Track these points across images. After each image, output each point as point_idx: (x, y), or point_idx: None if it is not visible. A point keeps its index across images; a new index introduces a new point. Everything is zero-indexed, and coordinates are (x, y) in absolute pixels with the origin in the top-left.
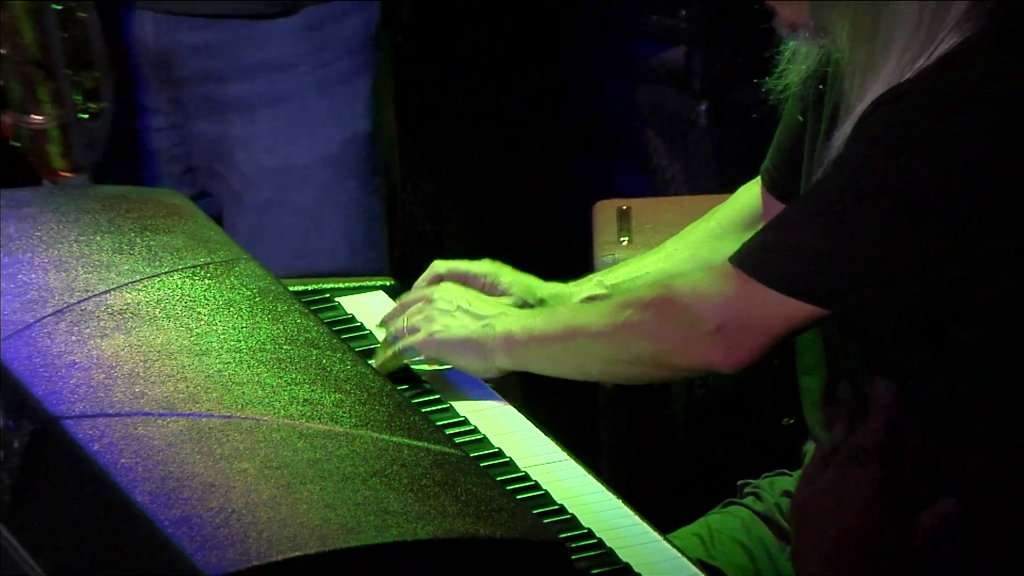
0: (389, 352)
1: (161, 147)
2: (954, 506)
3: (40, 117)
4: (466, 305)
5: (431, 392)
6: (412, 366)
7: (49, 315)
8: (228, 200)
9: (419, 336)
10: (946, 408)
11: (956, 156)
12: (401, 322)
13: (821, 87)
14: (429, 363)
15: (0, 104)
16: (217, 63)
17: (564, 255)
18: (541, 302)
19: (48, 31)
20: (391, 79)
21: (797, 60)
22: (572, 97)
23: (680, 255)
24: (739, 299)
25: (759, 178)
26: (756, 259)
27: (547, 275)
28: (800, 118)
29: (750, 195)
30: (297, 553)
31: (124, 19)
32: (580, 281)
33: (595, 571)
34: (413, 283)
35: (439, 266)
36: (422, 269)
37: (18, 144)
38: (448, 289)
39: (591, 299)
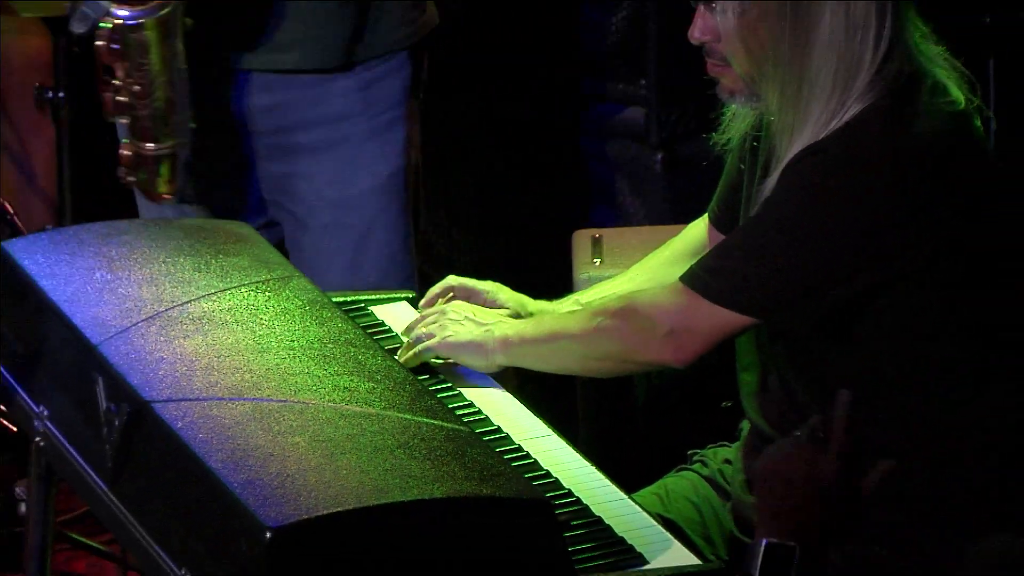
0: (412, 351)
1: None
2: (891, 470)
3: (153, 145)
4: (471, 316)
5: (444, 381)
6: (430, 362)
7: (142, 320)
8: (293, 225)
9: (435, 339)
10: (876, 410)
11: (855, 200)
12: (422, 328)
13: (756, 143)
14: (443, 359)
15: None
16: (286, 119)
17: (550, 272)
18: (530, 315)
19: (180, 70)
20: (418, 126)
21: (736, 120)
22: (558, 149)
23: (640, 278)
24: (687, 310)
25: (706, 215)
26: (701, 278)
27: (537, 287)
28: (741, 166)
29: (698, 229)
30: (337, 509)
31: (201, 76)
32: (560, 300)
33: (574, 523)
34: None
35: (451, 280)
36: (436, 283)
37: (126, 170)
38: (458, 304)
39: (570, 312)
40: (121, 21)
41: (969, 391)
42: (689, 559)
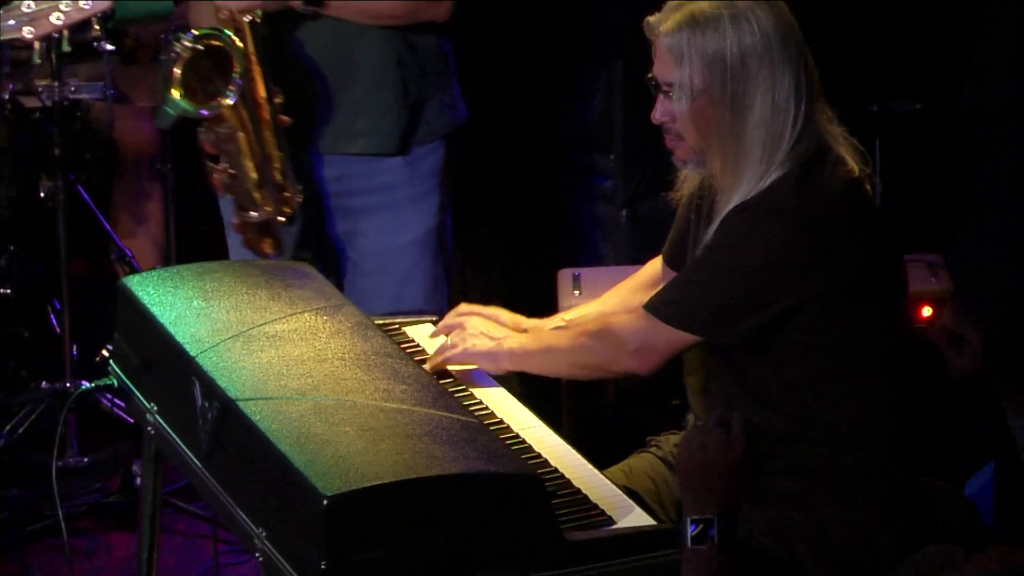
0: (440, 357)
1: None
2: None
3: (255, 214)
4: (486, 331)
5: (458, 384)
6: (449, 367)
7: (229, 338)
8: (351, 269)
9: (458, 349)
10: (770, 392)
11: (773, 248)
12: (448, 340)
13: (700, 200)
14: (460, 366)
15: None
16: (348, 187)
17: (542, 300)
18: (525, 331)
19: (265, 155)
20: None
21: (687, 182)
22: (549, 207)
23: (611, 302)
24: (649, 331)
25: (660, 256)
26: (658, 307)
27: (532, 311)
28: (690, 217)
29: (654, 266)
30: (378, 482)
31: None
32: (550, 319)
33: (559, 492)
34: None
35: (463, 307)
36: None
37: (243, 238)
38: (476, 320)
39: (557, 328)
40: (205, 119)
41: (853, 391)
42: (647, 520)
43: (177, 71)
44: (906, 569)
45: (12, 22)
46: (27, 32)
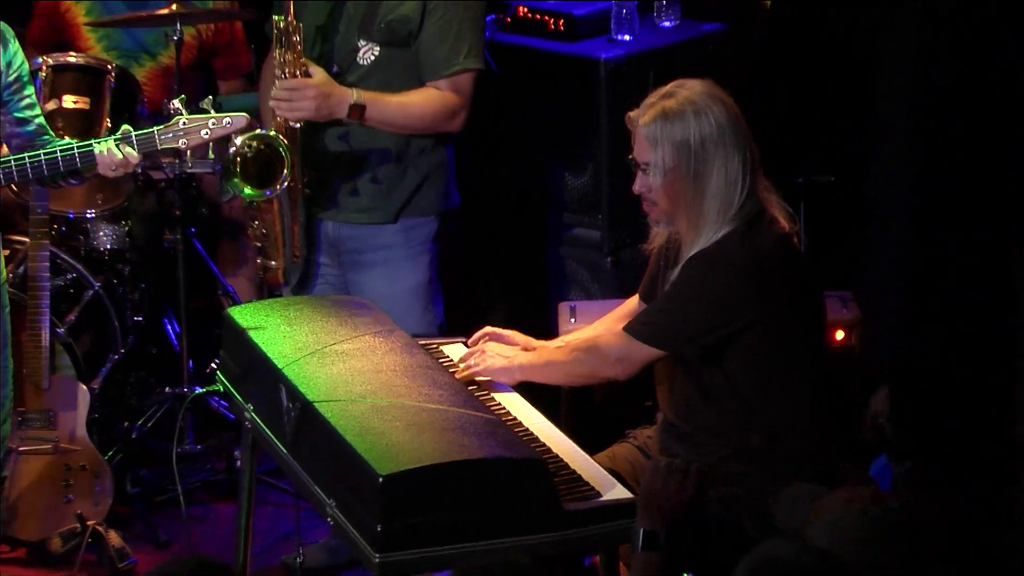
0: (466, 372)
1: (333, 280)
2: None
3: (274, 263)
4: (500, 352)
5: (482, 389)
6: (475, 378)
7: (308, 354)
8: None
9: (480, 366)
10: (720, 395)
11: (719, 286)
12: (471, 359)
13: (666, 250)
14: (484, 377)
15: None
16: (359, 246)
17: (546, 326)
18: (534, 349)
19: (302, 220)
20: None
21: (658, 237)
22: (550, 255)
23: (600, 328)
24: (627, 347)
25: (637, 294)
26: (634, 328)
27: (538, 335)
28: (660, 263)
29: (632, 302)
30: (420, 464)
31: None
32: (553, 340)
33: (559, 473)
34: (473, 335)
35: (488, 329)
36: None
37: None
38: (491, 345)
39: (557, 347)
40: (252, 196)
41: (784, 395)
42: (625, 494)
43: (237, 162)
44: (783, 500)
45: (170, 135)
46: (182, 143)
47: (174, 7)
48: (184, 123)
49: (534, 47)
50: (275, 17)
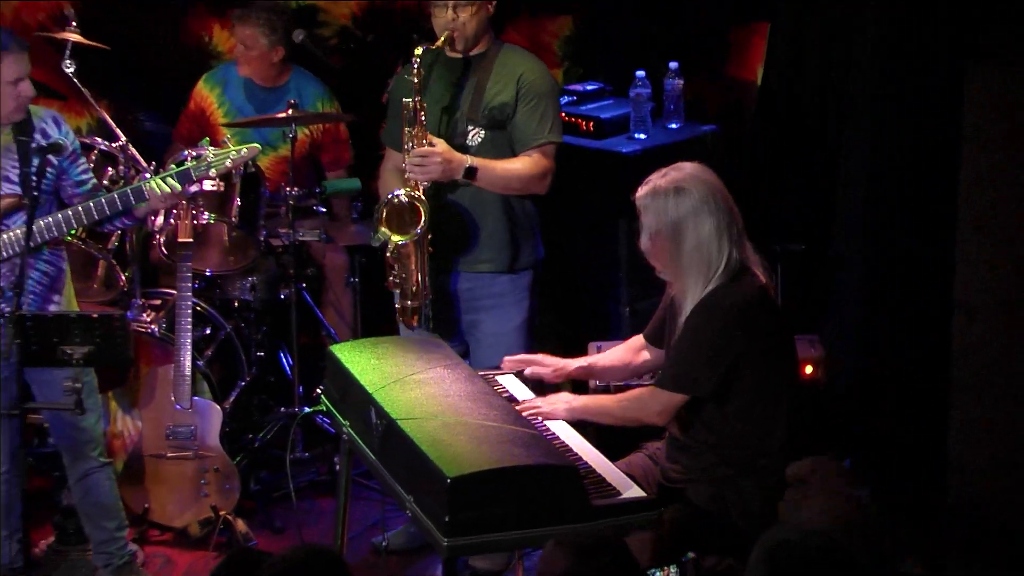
0: (532, 412)
1: (450, 319)
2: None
3: (411, 303)
4: (562, 399)
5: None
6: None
7: (392, 381)
8: (474, 344)
9: (546, 410)
10: (712, 416)
11: (714, 331)
12: (540, 407)
13: (673, 301)
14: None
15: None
16: (475, 294)
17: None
18: (569, 370)
19: (424, 269)
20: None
21: (666, 287)
22: (584, 306)
23: (615, 356)
24: (664, 399)
25: (642, 333)
26: (664, 383)
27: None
28: (665, 315)
29: (638, 338)
30: (480, 468)
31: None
32: (575, 359)
33: (588, 476)
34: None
35: (525, 356)
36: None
37: (401, 317)
38: (554, 396)
39: (610, 397)
40: (396, 243)
41: (762, 415)
42: (640, 493)
43: (384, 213)
44: (787, 499)
45: (202, 168)
46: (211, 172)
47: (290, 111)
48: (210, 158)
49: (570, 143)
50: (405, 100)
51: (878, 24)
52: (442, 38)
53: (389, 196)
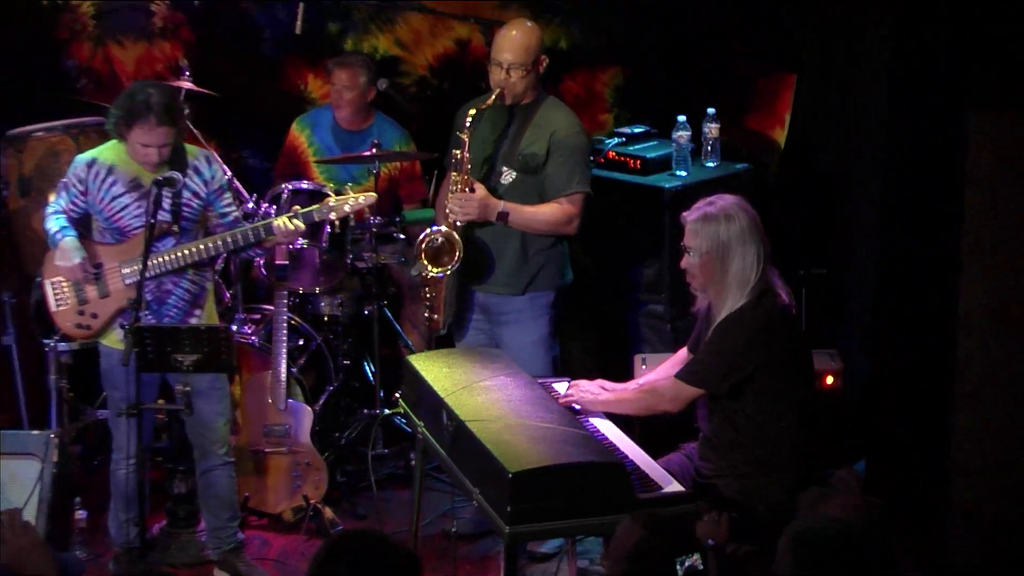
0: (565, 400)
1: (484, 329)
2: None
3: (437, 316)
4: (590, 389)
5: (580, 414)
6: (573, 405)
7: (461, 388)
8: (503, 349)
9: (575, 397)
10: (737, 418)
11: (738, 341)
12: (570, 390)
13: (706, 316)
14: (577, 406)
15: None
16: (500, 309)
17: (624, 373)
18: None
19: (452, 293)
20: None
21: (700, 300)
22: (627, 324)
23: (661, 373)
24: (677, 388)
25: (685, 347)
26: (682, 375)
27: (620, 378)
28: (702, 327)
29: (682, 353)
30: (538, 464)
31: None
32: (626, 384)
33: (633, 472)
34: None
35: (582, 381)
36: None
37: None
38: (584, 385)
39: (631, 389)
40: (433, 274)
41: (780, 419)
42: (679, 488)
43: (423, 251)
44: (806, 496)
45: (324, 210)
46: (332, 215)
47: (374, 151)
48: (332, 203)
49: (619, 179)
50: (453, 151)
51: (888, 75)
52: (494, 95)
53: (427, 233)
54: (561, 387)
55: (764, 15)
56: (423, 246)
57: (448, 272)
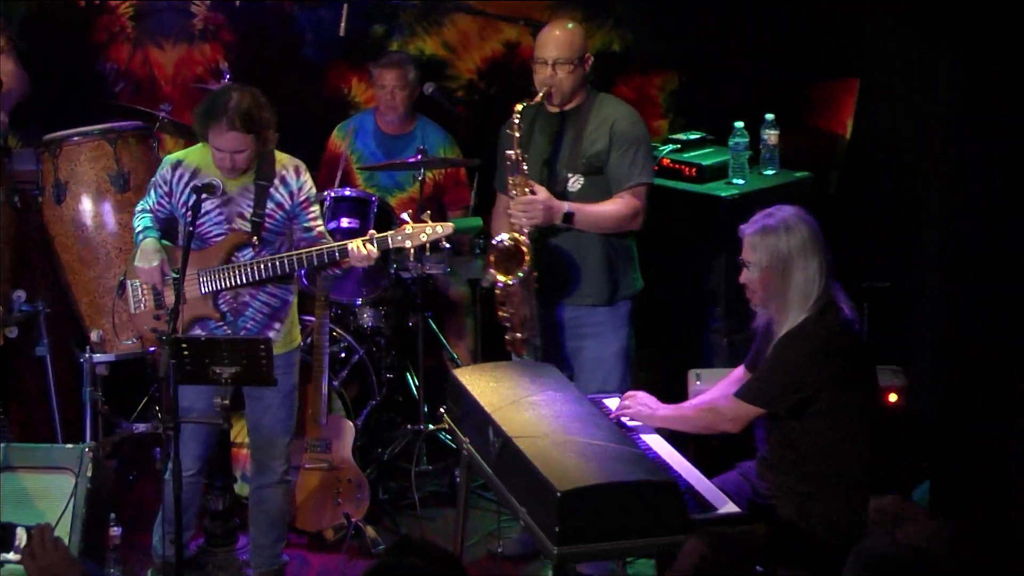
0: (618, 413)
1: (555, 347)
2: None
3: (520, 335)
4: (647, 403)
5: (632, 431)
6: (628, 423)
7: (508, 403)
8: (577, 368)
9: (631, 410)
10: (797, 437)
11: (798, 358)
12: (625, 402)
13: (766, 331)
14: (634, 422)
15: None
16: (578, 323)
17: (679, 387)
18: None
19: (534, 308)
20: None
21: (761, 316)
22: (686, 336)
23: (717, 392)
24: (737, 408)
25: (743, 364)
26: (743, 393)
27: (673, 393)
28: (761, 342)
29: (739, 370)
30: (588, 483)
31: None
32: (681, 404)
33: (686, 491)
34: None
35: (639, 393)
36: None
37: (511, 345)
38: (640, 398)
39: (690, 406)
40: (503, 285)
41: (842, 438)
42: (734, 509)
43: (493, 257)
44: (874, 515)
45: (399, 237)
46: (407, 244)
47: (419, 156)
48: (409, 230)
49: (674, 187)
50: (507, 151)
51: (961, 77)
52: (541, 93)
53: (494, 242)
54: (612, 403)
55: (825, 17)
56: (492, 255)
57: (520, 277)
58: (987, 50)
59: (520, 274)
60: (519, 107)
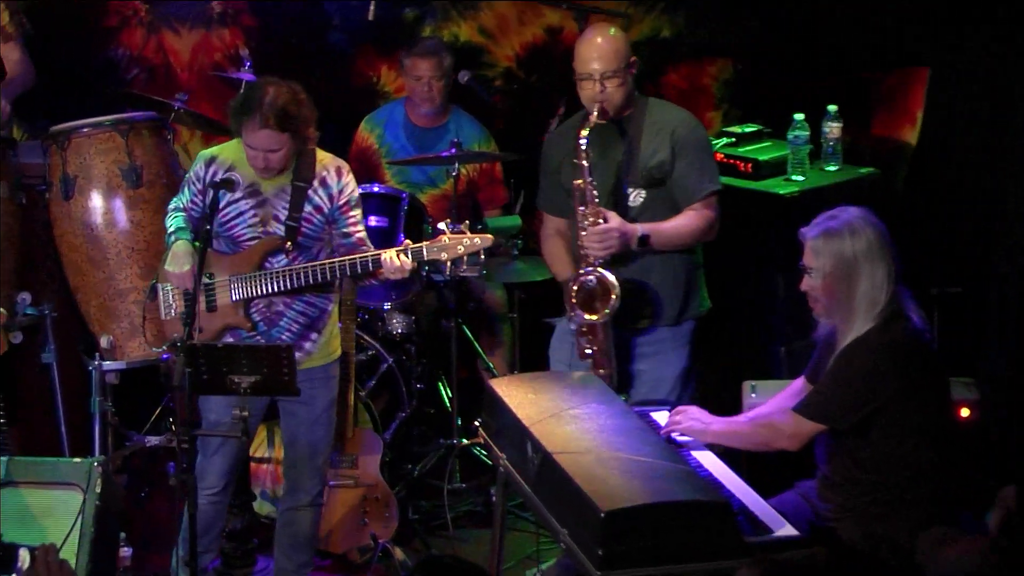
0: (670, 428)
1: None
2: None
3: (603, 371)
4: (700, 417)
5: (681, 447)
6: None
7: (548, 416)
8: (637, 388)
9: (683, 425)
10: (864, 456)
11: (867, 369)
12: (676, 417)
13: (828, 341)
14: (685, 437)
15: None
16: (639, 342)
17: (733, 398)
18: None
19: (608, 336)
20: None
21: (823, 325)
22: (736, 350)
23: (773, 406)
24: (796, 424)
25: (803, 376)
26: (801, 409)
27: (727, 405)
28: (822, 352)
29: (798, 382)
30: (633, 503)
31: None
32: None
33: (740, 513)
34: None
35: (691, 408)
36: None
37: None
38: (692, 412)
39: (745, 421)
40: (594, 321)
41: (911, 457)
42: (792, 532)
43: (573, 295)
44: (924, 540)
45: (435, 249)
46: (443, 256)
47: (453, 150)
48: (446, 241)
49: (728, 184)
50: (575, 182)
51: None
52: (595, 112)
53: (581, 280)
54: (661, 416)
55: (893, 1)
56: (574, 294)
57: (608, 314)
58: None
59: (607, 311)
60: (584, 132)
